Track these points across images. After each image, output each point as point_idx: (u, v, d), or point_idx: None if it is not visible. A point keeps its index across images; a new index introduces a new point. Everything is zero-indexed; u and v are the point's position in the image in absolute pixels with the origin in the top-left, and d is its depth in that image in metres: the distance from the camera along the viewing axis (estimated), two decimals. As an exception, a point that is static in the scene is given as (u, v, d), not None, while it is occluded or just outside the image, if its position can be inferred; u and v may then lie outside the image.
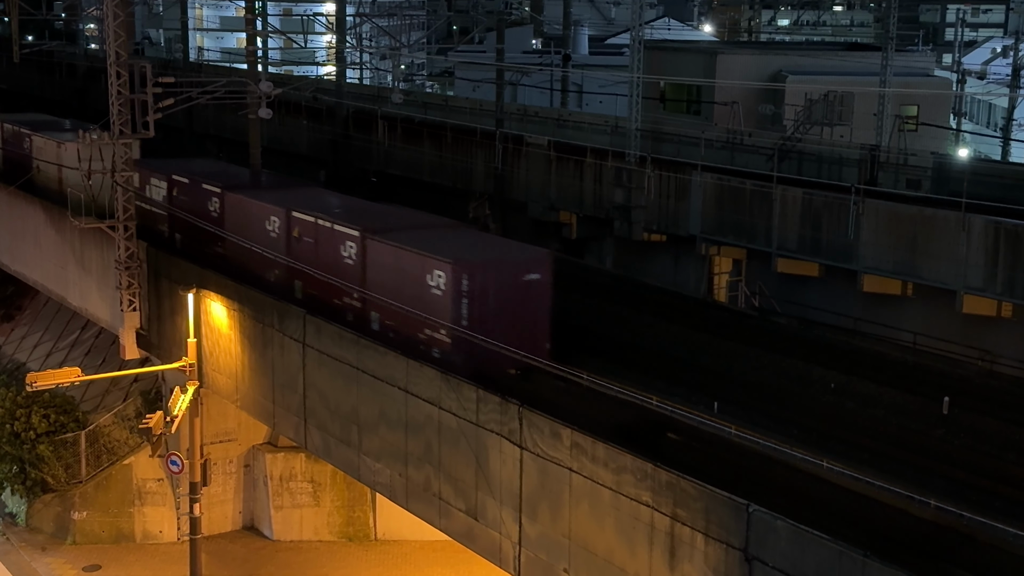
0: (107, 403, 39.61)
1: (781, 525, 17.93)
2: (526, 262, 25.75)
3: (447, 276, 24.25)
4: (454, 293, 24.17)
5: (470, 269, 24.33)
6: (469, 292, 24.27)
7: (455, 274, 24.17)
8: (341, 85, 49.38)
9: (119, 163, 33.43)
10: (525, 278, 25.25)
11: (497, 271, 25.10)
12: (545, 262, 25.82)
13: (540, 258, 26.03)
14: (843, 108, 41.14)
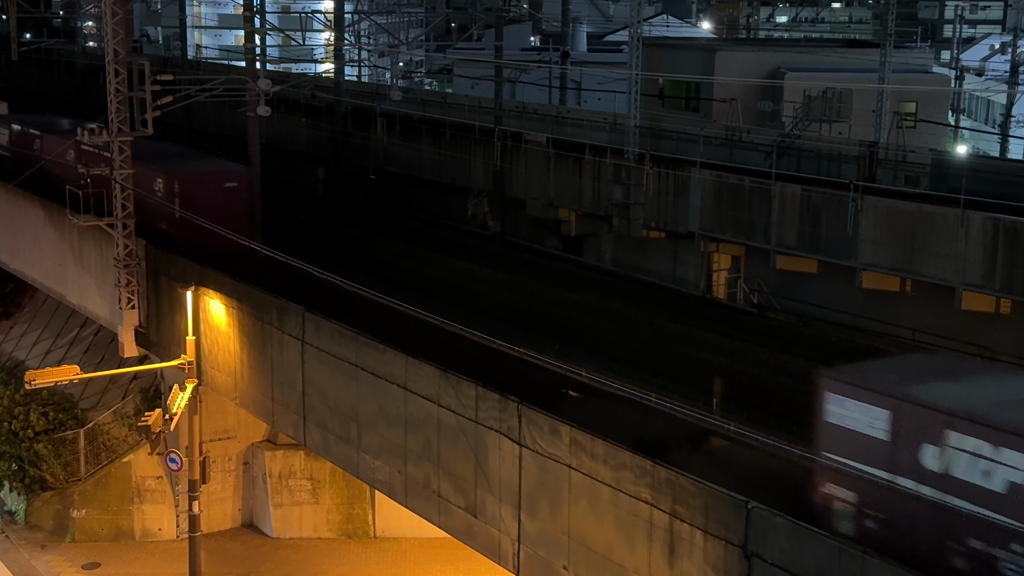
0: (106, 401, 39.61)
1: (780, 522, 17.94)
2: (226, 174, 35.22)
3: (164, 183, 34.49)
4: (168, 195, 34.28)
5: (180, 178, 34.23)
6: (180, 193, 33.91)
7: (168, 182, 34.44)
8: (340, 82, 49.34)
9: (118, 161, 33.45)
10: (225, 185, 34.61)
11: (201, 180, 34.84)
12: (243, 174, 35.40)
13: (239, 171, 35.59)
14: (842, 105, 41.15)
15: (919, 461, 16.22)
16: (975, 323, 27.86)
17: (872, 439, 16.86)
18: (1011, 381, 18.05)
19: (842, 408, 17.37)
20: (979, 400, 16.21)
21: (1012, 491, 15.06)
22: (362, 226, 41.32)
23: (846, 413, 17.32)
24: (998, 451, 15.32)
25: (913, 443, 16.31)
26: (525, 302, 32.28)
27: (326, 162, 47.83)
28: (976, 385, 17.13)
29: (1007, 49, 69.68)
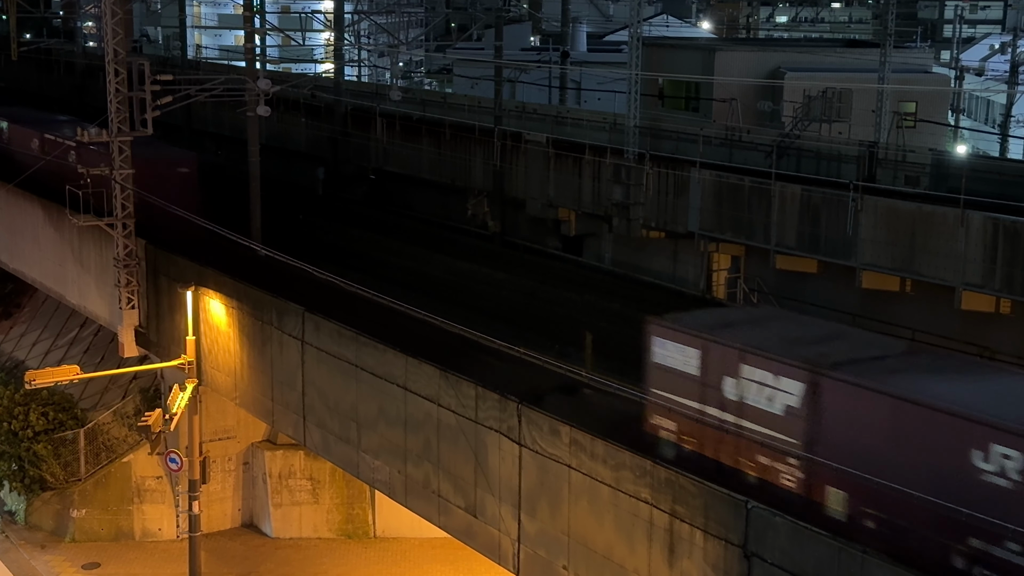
0: (106, 401, 39.61)
1: (780, 522, 17.94)
2: (178, 160, 36.93)
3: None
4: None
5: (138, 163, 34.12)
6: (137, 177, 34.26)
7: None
8: (339, 82, 49.35)
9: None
10: (178, 170, 36.40)
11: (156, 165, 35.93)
12: (192, 161, 37.59)
13: (189, 157, 37.75)
14: (841, 105, 41.12)
15: (721, 392, 19.26)
16: (975, 323, 27.86)
17: (686, 375, 19.89)
18: (799, 324, 21.49)
19: (664, 349, 20.39)
20: (768, 339, 19.33)
21: (787, 412, 18.28)
22: (362, 226, 41.33)
23: (667, 354, 20.29)
24: (778, 380, 18.43)
25: (716, 377, 19.36)
26: (525, 302, 32.29)
27: (326, 162, 47.84)
28: (770, 328, 20.36)
29: (1007, 49, 69.66)
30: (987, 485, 15.75)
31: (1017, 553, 15.39)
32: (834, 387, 17.77)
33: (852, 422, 17.57)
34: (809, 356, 18.42)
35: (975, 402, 16.43)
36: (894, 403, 16.93)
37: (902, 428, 16.84)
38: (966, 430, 15.98)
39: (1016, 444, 15.42)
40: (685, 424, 20.13)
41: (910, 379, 17.54)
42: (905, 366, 18.38)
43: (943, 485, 16.25)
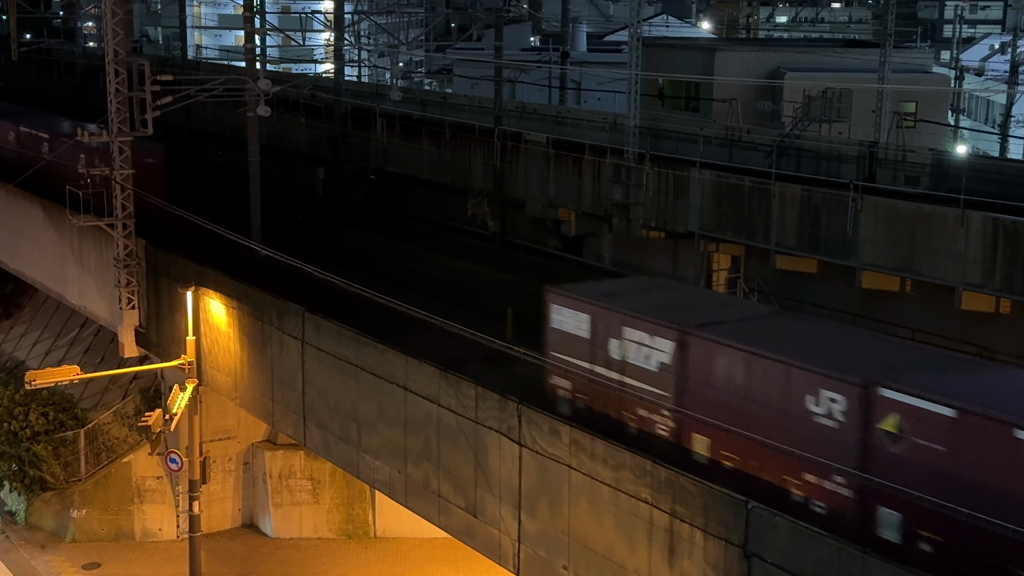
0: (106, 401, 39.63)
1: (780, 522, 17.95)
2: (146, 151, 36.61)
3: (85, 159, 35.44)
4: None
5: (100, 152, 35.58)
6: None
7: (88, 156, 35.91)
8: (339, 83, 49.34)
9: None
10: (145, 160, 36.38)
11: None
12: (159, 151, 38.44)
13: (156, 148, 38.05)
14: (841, 105, 41.09)
15: (609, 351, 21.48)
16: (975, 323, 27.87)
17: (578, 337, 22.08)
18: (678, 291, 24.30)
19: (560, 315, 22.54)
20: (646, 305, 21.67)
21: (661, 368, 20.61)
22: (362, 226, 41.34)
23: (563, 319, 22.45)
24: (653, 340, 20.69)
25: (603, 339, 21.57)
26: (524, 302, 32.26)
27: (326, 162, 47.84)
28: (651, 295, 22.87)
29: (1007, 49, 69.67)
30: (818, 425, 18.09)
31: (842, 484, 17.70)
32: (698, 344, 20.02)
33: (713, 375, 19.83)
34: (679, 318, 20.67)
35: (809, 354, 18.77)
36: (746, 356, 19.23)
37: (752, 378, 19.14)
38: (800, 378, 18.32)
39: (840, 389, 17.71)
40: (578, 382, 22.30)
41: (762, 336, 19.84)
42: (761, 326, 20.95)
43: (785, 426, 18.59)
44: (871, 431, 17.33)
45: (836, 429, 17.81)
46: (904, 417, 16.90)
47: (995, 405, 16.21)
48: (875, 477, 17.23)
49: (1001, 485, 15.67)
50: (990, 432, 15.84)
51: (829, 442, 17.91)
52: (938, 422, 16.43)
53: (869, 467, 17.43)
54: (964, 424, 16.15)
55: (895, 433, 17.04)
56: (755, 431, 18.91)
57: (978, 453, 16.01)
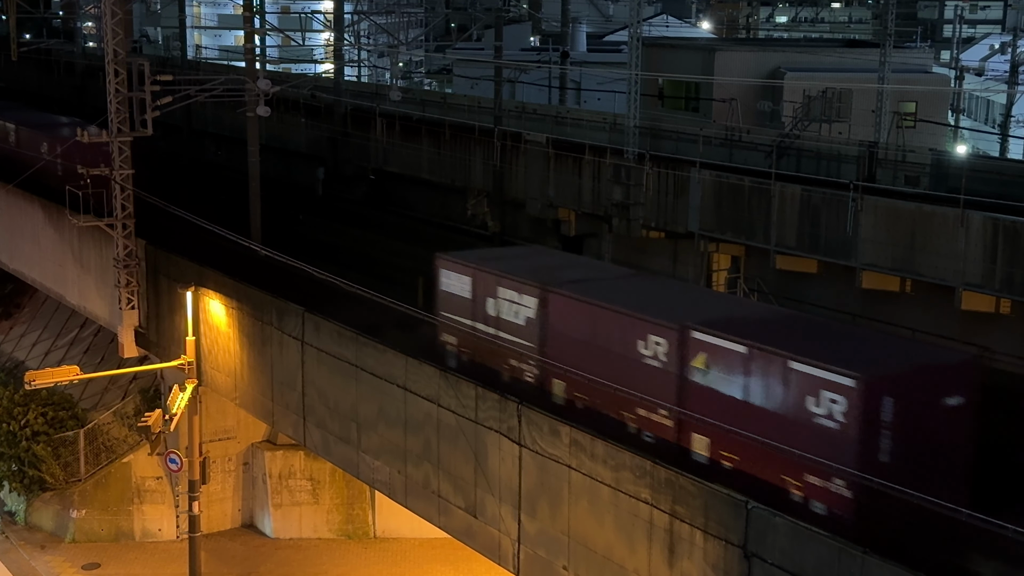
0: (106, 401, 39.63)
1: (780, 522, 17.94)
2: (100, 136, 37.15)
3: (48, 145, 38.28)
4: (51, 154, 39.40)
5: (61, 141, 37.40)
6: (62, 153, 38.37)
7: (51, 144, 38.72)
8: (339, 83, 49.34)
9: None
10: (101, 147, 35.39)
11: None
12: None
13: None
14: (841, 105, 41.08)
15: (487, 309, 24.22)
16: (975, 323, 27.85)
17: (463, 298, 24.74)
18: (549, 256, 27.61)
19: (448, 279, 25.21)
20: (518, 268, 24.37)
21: (527, 322, 23.31)
22: (361, 226, 41.32)
23: (450, 282, 25.15)
24: (521, 297, 23.39)
25: (482, 298, 24.23)
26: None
27: (326, 162, 47.84)
28: (526, 260, 25.75)
29: (1007, 49, 69.70)
30: (646, 366, 21.07)
31: (665, 416, 20.83)
32: (555, 300, 22.88)
33: (568, 326, 22.69)
34: (542, 278, 23.40)
35: (642, 306, 21.71)
36: (591, 309, 22.20)
37: (597, 328, 22.11)
38: (633, 326, 21.30)
39: (662, 334, 20.81)
40: (462, 338, 25.05)
41: (608, 293, 22.68)
42: (611, 285, 23.77)
43: (622, 368, 21.42)
44: (686, 369, 20.39)
45: (661, 368, 20.84)
46: (709, 355, 19.93)
47: (777, 343, 19.22)
48: (689, 409, 20.29)
49: (783, 408, 18.91)
50: (773, 364, 18.96)
51: (656, 379, 20.85)
52: (733, 357, 19.57)
53: (685, 399, 20.40)
54: (753, 358, 19.28)
55: (703, 369, 20.17)
56: (601, 374, 21.73)
57: (765, 382, 19.19)
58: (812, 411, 18.40)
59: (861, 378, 17.84)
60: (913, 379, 18.83)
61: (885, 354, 19.72)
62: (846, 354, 18.95)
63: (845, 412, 17.96)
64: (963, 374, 19.28)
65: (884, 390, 18.03)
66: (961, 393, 18.88)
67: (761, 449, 19.04)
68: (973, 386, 19.07)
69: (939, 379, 19.05)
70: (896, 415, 18.04)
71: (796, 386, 18.65)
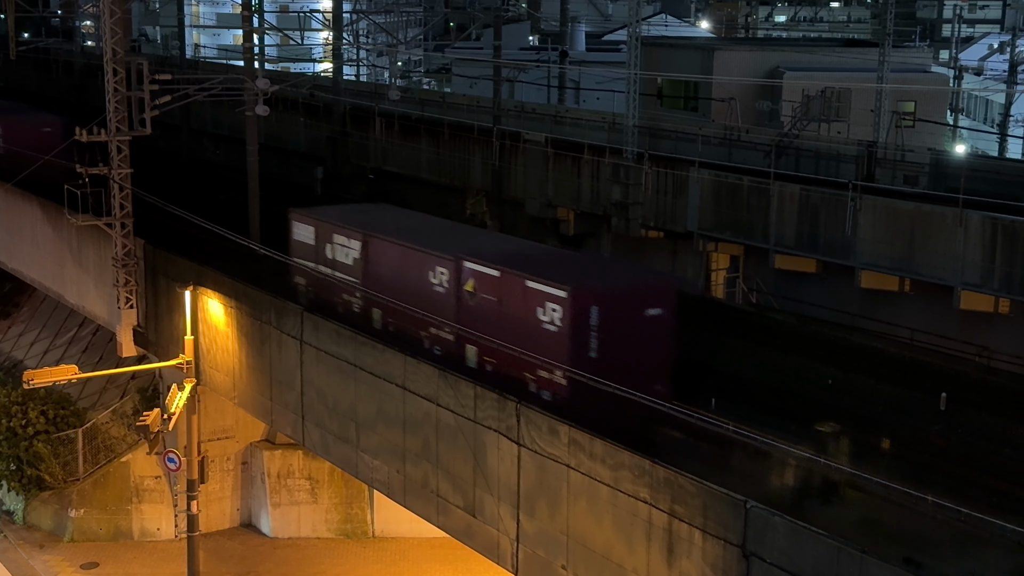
0: (104, 400, 39.61)
1: (779, 521, 17.94)
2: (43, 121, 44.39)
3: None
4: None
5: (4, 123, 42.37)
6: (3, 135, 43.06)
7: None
8: (338, 82, 49.31)
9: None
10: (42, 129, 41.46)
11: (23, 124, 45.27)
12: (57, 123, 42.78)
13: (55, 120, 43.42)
14: (840, 104, 41.11)
15: (326, 253, 28.37)
16: (974, 322, 27.87)
17: (309, 245, 28.93)
18: (380, 210, 32.11)
19: (298, 229, 29.41)
20: (351, 219, 28.65)
21: (354, 262, 27.38)
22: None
23: (299, 232, 29.34)
24: (350, 242, 27.45)
25: (322, 244, 28.38)
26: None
27: (324, 161, 47.81)
28: (362, 213, 30.36)
29: (1006, 48, 69.73)
30: (434, 292, 25.33)
31: (449, 333, 24.87)
32: (372, 242, 27.08)
33: (382, 264, 26.84)
34: (365, 225, 27.64)
35: (434, 244, 25.97)
36: (395, 247, 26.59)
37: (401, 264, 26.35)
38: (423, 259, 25.65)
39: (444, 264, 25.03)
40: (309, 277, 29.15)
41: (413, 236, 26.93)
42: (417, 230, 27.92)
43: (420, 295, 25.60)
44: (460, 292, 24.55)
45: (444, 292, 25.10)
46: (476, 280, 24.20)
47: (520, 268, 23.71)
48: (463, 325, 24.45)
49: (521, 319, 23.18)
50: (516, 283, 23.44)
51: (441, 302, 25.11)
52: (491, 280, 23.97)
53: (461, 317, 24.54)
54: (504, 280, 23.72)
55: (472, 292, 24.39)
56: (406, 300, 25.72)
57: (511, 298, 23.56)
58: (541, 319, 22.81)
59: (571, 291, 22.32)
60: (617, 293, 23.60)
61: (599, 275, 25.38)
62: (567, 274, 23.40)
63: (561, 318, 22.39)
64: (663, 292, 23.75)
65: (591, 301, 22.44)
66: (661, 306, 23.27)
67: (508, 352, 23.30)
68: (672, 301, 23.40)
69: (641, 294, 23.65)
70: (602, 321, 22.36)
71: (531, 299, 23.03)
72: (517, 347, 22.96)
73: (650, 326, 23.05)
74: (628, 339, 22.75)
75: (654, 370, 22.69)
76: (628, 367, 22.12)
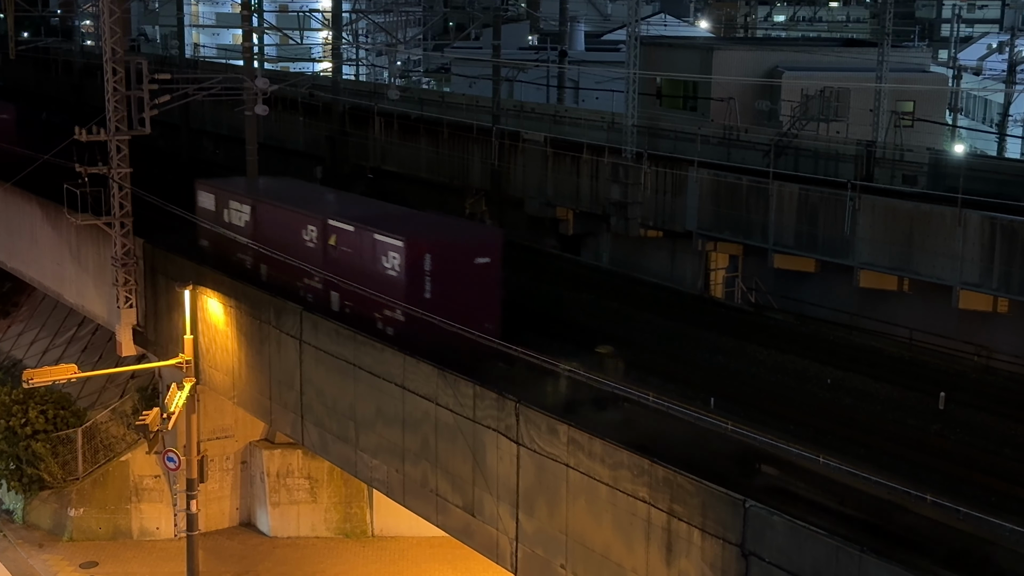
0: (104, 400, 39.61)
1: (778, 520, 17.95)
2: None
3: None
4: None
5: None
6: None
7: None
8: (337, 81, 49.31)
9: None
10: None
11: None
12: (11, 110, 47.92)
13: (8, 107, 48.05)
14: (839, 104, 41.08)
15: (224, 218, 32.28)
16: (973, 322, 27.89)
17: (211, 210, 32.92)
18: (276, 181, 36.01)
19: (201, 197, 33.49)
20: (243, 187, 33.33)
21: (246, 223, 31.35)
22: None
23: (203, 199, 33.42)
24: (242, 207, 31.51)
25: (221, 209, 32.41)
26: (522, 302, 32.25)
27: (324, 161, 47.81)
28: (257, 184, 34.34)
29: (1004, 48, 69.71)
30: (307, 247, 29.24)
31: (317, 283, 28.94)
32: (259, 207, 31.18)
33: (268, 223, 30.86)
34: (254, 193, 32.15)
35: (307, 206, 30.32)
36: (277, 210, 30.70)
37: (283, 223, 30.23)
38: (298, 219, 29.75)
39: (314, 223, 29.18)
40: (210, 238, 33.03)
41: (294, 199, 31.41)
42: (298, 195, 32.70)
43: (297, 250, 29.37)
44: (327, 245, 28.52)
45: (314, 247, 28.96)
46: (337, 235, 28.30)
47: (370, 224, 27.76)
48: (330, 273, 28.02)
49: (371, 266, 27.19)
50: (365, 236, 27.51)
51: (312, 255, 28.91)
52: (348, 235, 28.04)
53: (327, 267, 28.28)
54: (358, 234, 27.81)
55: (334, 246, 28.35)
56: (288, 253, 29.24)
57: (363, 249, 27.57)
58: (385, 266, 26.75)
59: (407, 241, 26.38)
60: (447, 243, 27.60)
61: (434, 228, 29.11)
62: (406, 228, 27.34)
63: (400, 264, 26.39)
64: (491, 243, 27.77)
65: (425, 249, 26.47)
66: (488, 255, 27.30)
67: (361, 295, 26.84)
68: (498, 252, 27.47)
69: (470, 245, 27.70)
70: (434, 267, 26.38)
71: (377, 249, 27.01)
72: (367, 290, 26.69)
73: (479, 272, 27.05)
74: (459, 283, 26.63)
75: (484, 310, 26.40)
76: (460, 307, 25.59)
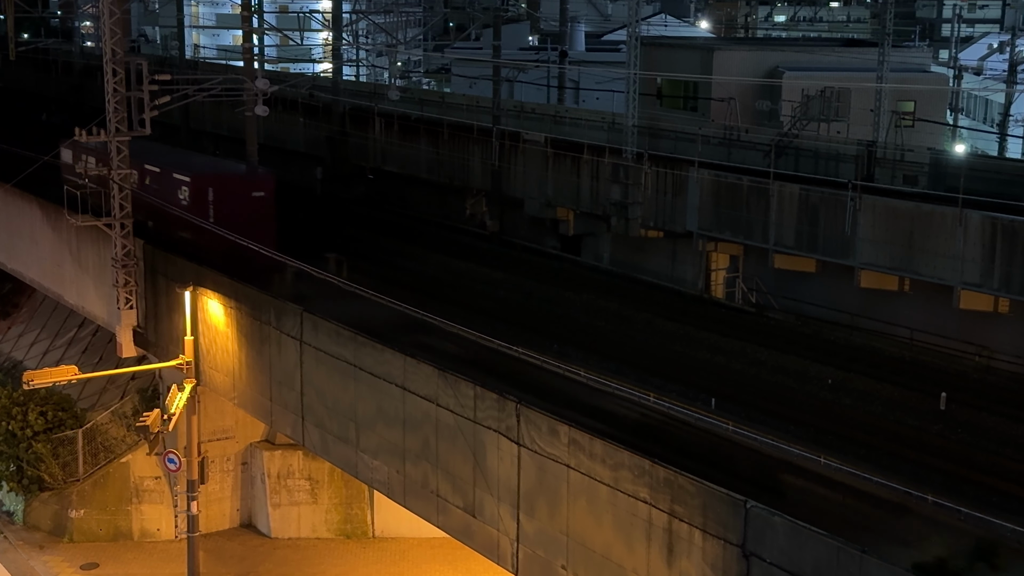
0: (104, 401, 39.59)
1: (779, 521, 17.94)
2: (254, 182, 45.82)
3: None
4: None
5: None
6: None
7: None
8: (337, 82, 49.30)
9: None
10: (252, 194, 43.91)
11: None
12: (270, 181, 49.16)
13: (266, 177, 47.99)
14: (840, 104, 41.05)
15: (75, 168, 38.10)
16: (973, 322, 27.85)
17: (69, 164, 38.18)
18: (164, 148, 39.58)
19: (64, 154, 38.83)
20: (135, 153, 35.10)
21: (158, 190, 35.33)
22: (360, 225, 41.30)
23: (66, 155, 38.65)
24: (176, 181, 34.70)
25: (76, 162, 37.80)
26: (523, 302, 32.26)
27: (324, 161, 47.80)
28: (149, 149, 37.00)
29: (1005, 48, 69.71)
30: (181, 203, 33.71)
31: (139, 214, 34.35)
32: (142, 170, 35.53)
33: (157, 184, 35.20)
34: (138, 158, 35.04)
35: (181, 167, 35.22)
36: (163, 172, 35.29)
37: (167, 182, 34.88)
38: (177, 180, 34.50)
39: (185, 184, 34.29)
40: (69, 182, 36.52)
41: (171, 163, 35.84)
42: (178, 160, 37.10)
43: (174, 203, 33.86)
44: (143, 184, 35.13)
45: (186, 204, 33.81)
46: (150, 176, 35.36)
47: (171, 165, 35.41)
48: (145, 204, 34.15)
49: (179, 198, 33.75)
50: (168, 177, 34.77)
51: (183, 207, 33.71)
52: (158, 175, 35.19)
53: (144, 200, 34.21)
54: (162, 175, 34.96)
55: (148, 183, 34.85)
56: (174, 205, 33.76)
57: (167, 188, 34.50)
58: (180, 198, 33.99)
59: (193, 177, 34.07)
60: (226, 179, 35.55)
61: (219, 168, 37.87)
62: (196, 168, 35.16)
63: (188, 196, 33.81)
64: (265, 181, 35.12)
65: (207, 184, 33.94)
66: (263, 191, 34.68)
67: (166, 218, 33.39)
68: (271, 188, 34.67)
69: (246, 181, 35.33)
70: (216, 199, 33.67)
71: (177, 185, 34.25)
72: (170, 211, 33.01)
73: (255, 204, 34.16)
74: (238, 212, 33.19)
75: (261, 232, 31.67)
76: (238, 229, 30.40)
